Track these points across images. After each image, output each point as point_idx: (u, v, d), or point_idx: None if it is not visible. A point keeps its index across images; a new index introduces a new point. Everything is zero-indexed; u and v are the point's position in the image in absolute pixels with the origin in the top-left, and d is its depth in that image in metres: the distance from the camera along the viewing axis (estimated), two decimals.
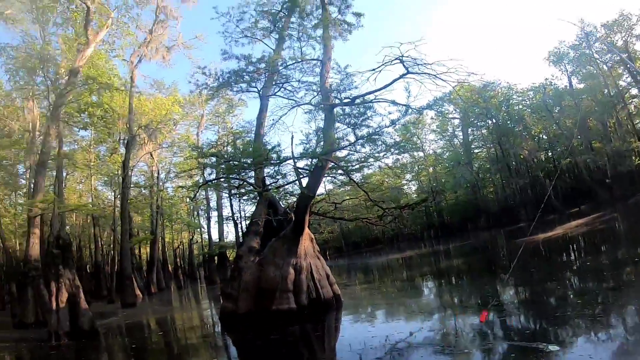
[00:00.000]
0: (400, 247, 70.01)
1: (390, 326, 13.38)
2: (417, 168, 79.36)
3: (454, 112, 69.31)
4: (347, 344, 11.86)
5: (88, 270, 54.28)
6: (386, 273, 34.32)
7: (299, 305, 17.63)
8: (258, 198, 21.91)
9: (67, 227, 52.20)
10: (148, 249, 54.09)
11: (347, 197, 28.60)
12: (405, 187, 79.45)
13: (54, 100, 27.46)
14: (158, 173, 50.71)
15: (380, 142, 19.00)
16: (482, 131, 70.82)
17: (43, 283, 21.62)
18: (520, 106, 66.30)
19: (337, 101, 18.88)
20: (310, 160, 20.03)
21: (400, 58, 17.23)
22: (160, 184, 51.79)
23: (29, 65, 30.24)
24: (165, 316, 25.63)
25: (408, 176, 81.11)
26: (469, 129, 71.72)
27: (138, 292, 37.38)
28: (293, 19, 23.73)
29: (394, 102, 17.72)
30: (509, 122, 64.91)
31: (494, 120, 65.56)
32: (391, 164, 66.17)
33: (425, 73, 17.22)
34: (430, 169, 78.13)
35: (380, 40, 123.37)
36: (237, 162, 20.73)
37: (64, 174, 43.27)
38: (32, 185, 28.81)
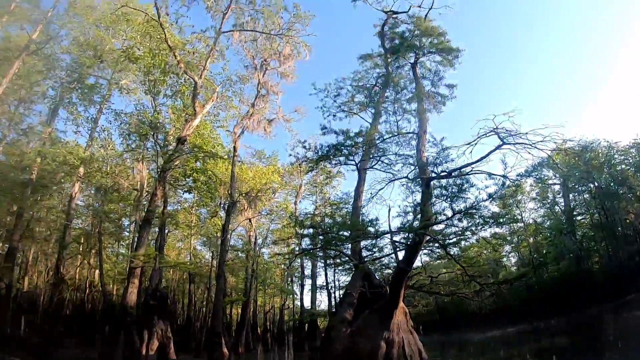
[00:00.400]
0: (497, 323, 65.95)
1: None
2: (516, 239, 74.40)
3: (553, 177, 65.35)
4: None
5: (179, 324, 55.79)
6: (482, 351, 32.28)
7: None
8: (353, 269, 21.86)
9: (164, 281, 54.96)
10: (239, 310, 54.64)
11: (444, 271, 27.68)
12: (504, 259, 75.40)
13: (162, 164, 29.75)
14: (255, 238, 51.69)
15: (477, 216, 18.57)
16: (585, 196, 65.95)
17: (136, 330, 22.56)
18: (623, 165, 61.22)
19: (433, 174, 18.80)
20: (407, 234, 19.80)
21: (495, 130, 17.09)
22: (257, 248, 52.61)
23: (140, 131, 33.07)
24: None
25: (507, 247, 76.72)
26: (570, 195, 66.89)
27: (225, 350, 37.54)
28: (388, 93, 24.24)
29: (490, 174, 17.51)
30: (612, 184, 60.01)
31: (596, 184, 60.99)
32: (489, 236, 63.67)
33: (520, 143, 16.94)
34: (531, 239, 73.00)
35: (474, 109, 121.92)
36: (335, 235, 20.90)
37: (166, 232, 46.03)
38: (135, 239, 30.65)
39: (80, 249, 48.13)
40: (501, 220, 21.51)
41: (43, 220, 44.23)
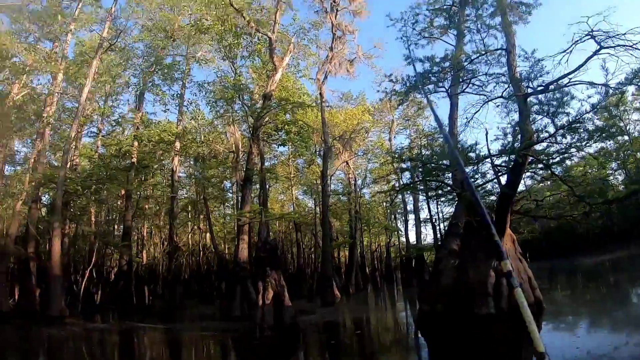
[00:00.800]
0: (608, 247, 62.36)
1: (593, 338, 12.40)
2: (622, 155, 68.87)
3: None
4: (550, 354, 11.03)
5: (290, 272, 57.80)
6: (591, 277, 30.90)
7: (498, 310, 16.58)
8: (457, 199, 21.19)
9: (271, 233, 56.89)
10: (347, 252, 56.00)
11: (548, 194, 26.22)
12: (611, 177, 70.28)
13: (253, 123, 30.22)
14: (355, 180, 52.13)
15: (582, 130, 17.17)
16: None
17: (250, 282, 23.53)
18: None
19: (529, 90, 17.39)
20: (508, 156, 18.74)
21: (591, 33, 15.29)
22: (357, 190, 53.17)
23: (226, 96, 33.50)
24: (361, 316, 26.00)
25: (613, 165, 71.26)
26: None
27: (337, 292, 38.70)
28: (467, 11, 22.68)
29: (591, 84, 15.98)
30: None
31: None
32: (594, 153, 59.57)
33: (620, 45, 15.09)
34: (638, 154, 67.08)
35: (563, 16, 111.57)
36: (434, 165, 20.23)
37: (267, 187, 47.36)
38: (239, 199, 31.67)
39: (189, 217, 50.98)
40: (608, 132, 19.74)
41: (151, 197, 47.41)
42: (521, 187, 31.49)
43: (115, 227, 47.04)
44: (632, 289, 21.13)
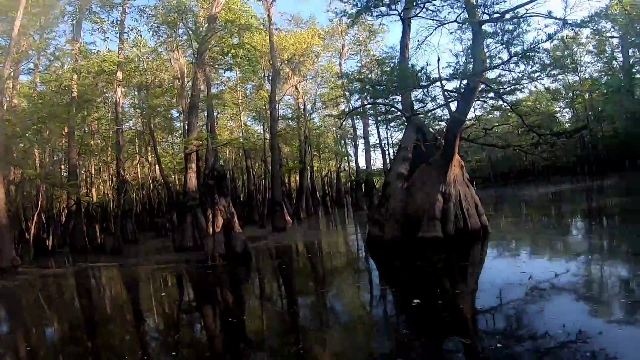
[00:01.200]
0: (551, 180, 65.13)
1: (535, 265, 12.44)
2: (571, 94, 70.91)
3: (612, 30, 59.83)
4: (490, 278, 11.53)
5: (241, 199, 57.79)
6: (535, 207, 31.91)
7: (445, 234, 17.00)
8: (406, 124, 21.15)
9: (221, 160, 55.94)
10: (297, 178, 56.21)
11: (497, 124, 26.53)
12: (559, 114, 72.69)
13: (197, 48, 28.77)
14: (304, 105, 51.53)
15: (536, 59, 17.20)
16: None
17: (201, 211, 23.22)
18: None
19: (485, 17, 17.07)
20: (459, 82, 18.65)
21: None
22: (307, 115, 52.67)
23: (169, 20, 31.82)
24: (312, 240, 26.28)
25: (561, 103, 73.64)
26: (630, 50, 61.69)
27: (288, 217, 39.12)
28: None
29: (549, 16, 15.68)
30: None
31: None
32: (544, 89, 60.81)
33: None
34: (586, 96, 69.02)
35: None
36: (383, 86, 19.93)
37: (215, 114, 46.41)
38: (186, 127, 30.73)
39: (137, 150, 49.64)
40: (561, 65, 19.76)
41: (96, 133, 45.60)
42: (471, 115, 32.08)
43: (62, 167, 45.24)
44: (572, 220, 21.95)
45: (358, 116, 47.23)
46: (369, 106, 24.40)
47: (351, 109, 26.09)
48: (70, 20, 37.58)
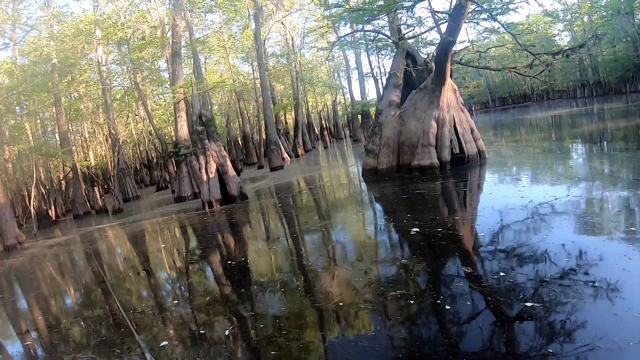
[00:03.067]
0: (550, 104, 64.27)
1: (534, 189, 12.25)
2: (569, 16, 69.01)
3: None
4: (489, 202, 11.23)
5: (239, 142, 57.48)
6: (534, 131, 31.35)
7: (441, 160, 16.72)
8: (395, 49, 20.44)
9: (215, 105, 55.55)
10: (293, 115, 55.68)
11: (493, 46, 25.64)
12: (557, 37, 70.88)
13: None
14: (292, 40, 50.34)
15: None
16: None
17: (195, 158, 23.00)
18: None
19: None
20: (450, 3, 17.78)
21: None
22: (296, 50, 51.65)
23: None
24: (310, 176, 26.15)
25: (560, 26, 71.70)
26: None
27: (286, 155, 39.13)
28: None
29: None
30: None
31: None
32: (540, 12, 59.34)
33: None
34: (585, 18, 67.23)
35: None
36: (365, 8, 19.08)
37: (203, 59, 45.17)
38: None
39: (128, 107, 48.97)
40: None
41: (85, 96, 44.74)
42: (464, 37, 31.08)
43: (57, 137, 44.88)
44: (572, 145, 21.44)
45: (349, 47, 46.22)
46: (357, 35, 23.58)
47: (338, 38, 25.22)
48: None
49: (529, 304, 5.34)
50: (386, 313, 5.95)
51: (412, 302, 6.10)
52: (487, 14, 17.79)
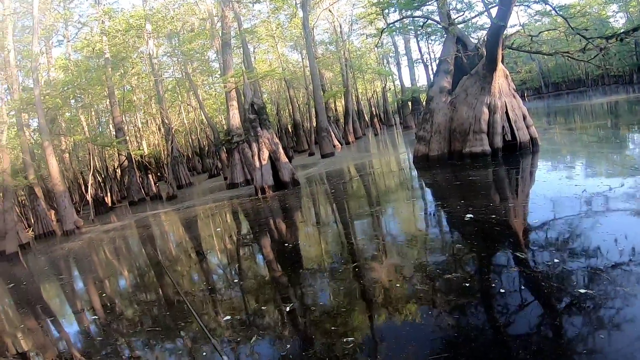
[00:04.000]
0: (605, 90, 61.64)
1: (589, 178, 11.92)
2: None
3: None
4: (542, 190, 11.02)
5: (289, 130, 58.04)
6: (589, 118, 30.15)
7: (493, 147, 16.55)
8: (445, 35, 20.28)
9: (265, 94, 56.24)
10: (343, 102, 55.80)
11: (545, 30, 25.03)
12: (611, 19, 67.80)
13: None
14: (340, 27, 50.26)
15: None
16: None
17: (247, 146, 23.58)
18: None
19: None
20: None
21: None
22: (345, 37, 51.64)
23: None
24: (361, 162, 26.25)
25: (614, 7, 68.46)
26: None
27: (336, 142, 39.35)
28: None
29: None
30: None
31: None
32: None
33: None
34: None
35: None
36: None
37: (252, 49, 45.75)
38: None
39: (179, 97, 50.29)
40: None
41: (137, 88, 46.31)
42: (515, 21, 30.35)
43: (111, 127, 46.64)
44: (629, 133, 20.57)
45: (398, 33, 45.77)
46: (406, 21, 23.41)
47: (387, 25, 25.16)
48: None
49: (581, 292, 5.34)
50: (436, 298, 6.05)
51: (464, 286, 6.18)
52: None
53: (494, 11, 17.56)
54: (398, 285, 6.74)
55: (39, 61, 29.45)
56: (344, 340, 5.33)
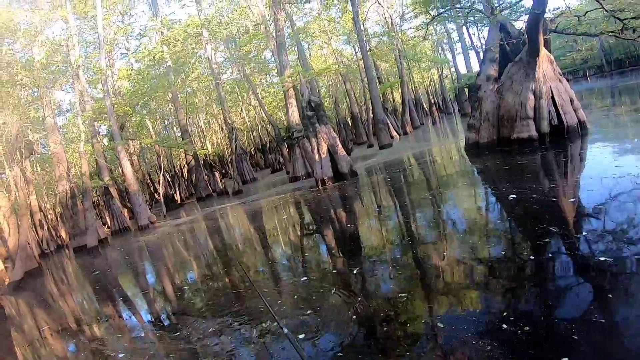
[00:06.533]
0: None
1: (636, 163, 11.47)
2: None
3: None
4: (591, 173, 11.16)
5: (348, 122, 58.90)
6: None
7: (539, 132, 17.03)
8: (489, 23, 20.81)
9: (323, 88, 57.37)
10: (400, 92, 56.16)
11: (590, 9, 24.79)
12: None
13: None
14: (391, 19, 50.60)
15: None
16: None
17: (307, 141, 25.00)
18: None
19: None
20: None
21: None
22: (397, 28, 51.86)
23: None
24: (418, 152, 26.84)
25: None
26: None
27: (394, 133, 40.03)
28: None
29: None
30: None
31: None
32: None
33: None
34: None
35: None
36: None
37: (306, 45, 46.99)
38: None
39: (239, 97, 52.36)
40: None
41: (198, 91, 48.75)
42: (560, 4, 29.96)
43: (175, 130, 49.37)
44: None
45: (449, 20, 45.59)
46: (448, 9, 23.94)
47: (432, 17, 25.66)
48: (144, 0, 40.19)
49: (628, 275, 5.58)
50: (490, 284, 6.29)
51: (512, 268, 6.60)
52: None
53: None
54: (453, 264, 7.34)
55: (106, 73, 32.11)
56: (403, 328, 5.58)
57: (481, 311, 5.50)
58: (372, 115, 42.96)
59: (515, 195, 10.25)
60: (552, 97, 17.32)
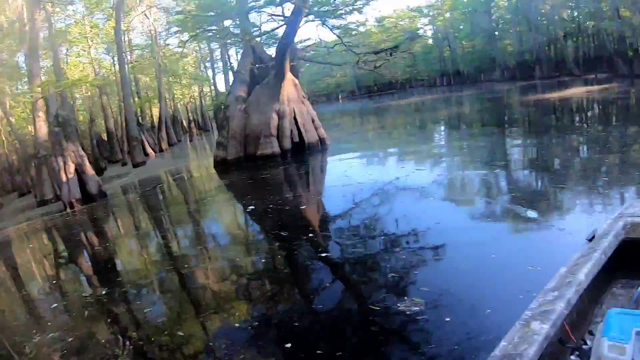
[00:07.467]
0: (412, 92, 70.00)
1: (381, 170, 14.05)
2: (432, 12, 76.66)
3: None
4: (332, 182, 13.00)
5: (104, 139, 55.64)
6: (393, 116, 33.85)
7: (282, 149, 18.81)
8: (242, 47, 22.25)
9: (79, 101, 53.28)
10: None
11: (338, 43, 28.19)
12: (421, 31, 77.12)
13: None
14: (156, 32, 49.87)
15: None
16: None
17: (54, 160, 23.16)
18: None
19: None
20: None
21: None
22: (162, 42, 51.32)
23: None
24: (169, 169, 27.15)
25: (425, 20, 79.03)
26: None
27: (150, 150, 39.26)
28: None
29: None
30: None
31: None
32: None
33: None
34: (447, 15, 75.08)
35: None
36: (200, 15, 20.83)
37: (65, 51, 43.41)
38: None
39: None
40: None
41: None
42: (311, 35, 33.30)
43: None
44: (431, 128, 24.66)
45: (211, 40, 46.55)
46: (205, 31, 24.94)
47: (190, 36, 26.67)
48: None
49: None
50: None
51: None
52: (320, 18, 20.04)
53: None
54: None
55: None
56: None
57: (252, 318, 5.58)
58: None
59: (254, 207, 11.43)
60: (295, 117, 19.21)
